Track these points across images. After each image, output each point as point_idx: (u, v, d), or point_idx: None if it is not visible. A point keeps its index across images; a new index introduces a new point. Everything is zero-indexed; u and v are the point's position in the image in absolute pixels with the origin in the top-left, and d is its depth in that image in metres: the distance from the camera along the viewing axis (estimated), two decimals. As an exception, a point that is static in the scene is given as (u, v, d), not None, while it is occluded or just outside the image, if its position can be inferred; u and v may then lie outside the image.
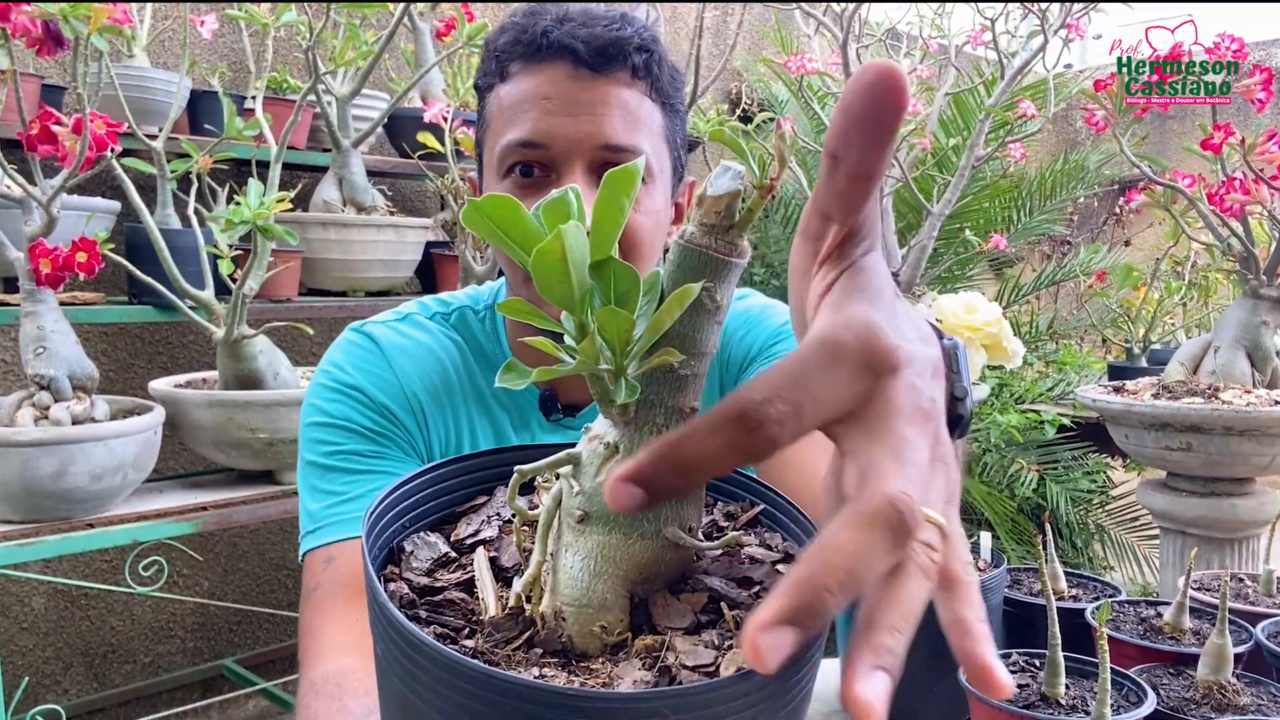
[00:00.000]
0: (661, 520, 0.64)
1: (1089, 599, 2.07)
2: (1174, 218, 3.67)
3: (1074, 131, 8.72)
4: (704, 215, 0.63)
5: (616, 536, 0.64)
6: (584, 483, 0.65)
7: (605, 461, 0.64)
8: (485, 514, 0.76)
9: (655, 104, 1.44)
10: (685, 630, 0.63)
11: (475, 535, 0.73)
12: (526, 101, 1.39)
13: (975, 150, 3.88)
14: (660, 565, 0.65)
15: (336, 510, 1.42)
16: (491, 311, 1.63)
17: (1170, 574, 3.48)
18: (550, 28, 1.37)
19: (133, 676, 4.16)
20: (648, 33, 1.42)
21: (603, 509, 0.63)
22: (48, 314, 2.66)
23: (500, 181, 1.43)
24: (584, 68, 1.37)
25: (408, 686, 0.60)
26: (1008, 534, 4.80)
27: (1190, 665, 1.74)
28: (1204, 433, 3.16)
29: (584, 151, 1.38)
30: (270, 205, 2.70)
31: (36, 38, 2.47)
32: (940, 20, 4.69)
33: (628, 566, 0.64)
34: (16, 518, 2.67)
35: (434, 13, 4.24)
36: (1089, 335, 6.83)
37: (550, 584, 0.65)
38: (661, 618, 0.64)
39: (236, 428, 2.95)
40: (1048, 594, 1.62)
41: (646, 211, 1.42)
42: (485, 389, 1.57)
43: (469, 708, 0.56)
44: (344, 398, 1.49)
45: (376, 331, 1.57)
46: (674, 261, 0.64)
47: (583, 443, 0.67)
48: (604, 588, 0.63)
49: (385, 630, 0.61)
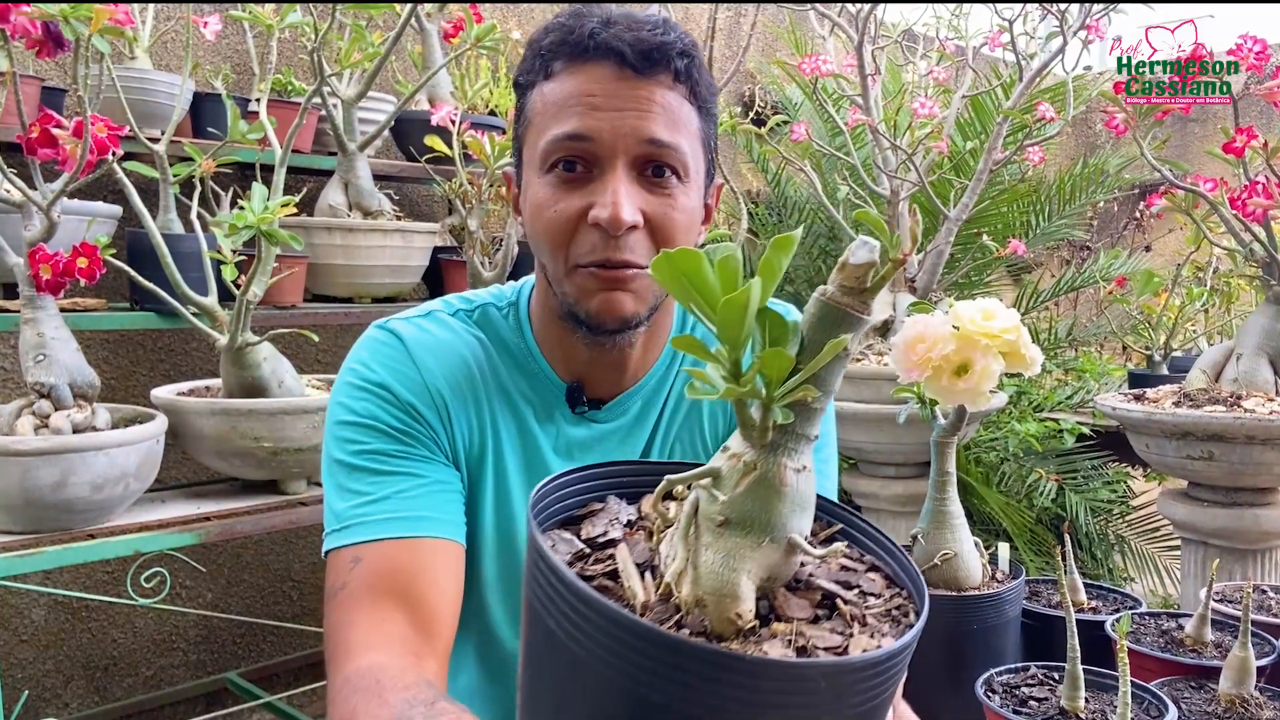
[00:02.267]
0: (787, 529, 0.77)
1: (1109, 611, 2.07)
2: (1195, 222, 3.67)
3: (1093, 134, 8.71)
4: (844, 279, 0.75)
5: (750, 540, 0.76)
6: (724, 493, 0.77)
7: (744, 476, 0.77)
8: (606, 518, 0.88)
9: (693, 107, 1.50)
10: (808, 620, 0.78)
11: (604, 535, 0.86)
12: (572, 98, 1.44)
13: (993, 154, 3.88)
14: (781, 566, 0.79)
15: (363, 511, 1.46)
16: (515, 307, 1.67)
17: (1192, 585, 3.48)
18: (597, 29, 1.43)
19: (135, 690, 4.16)
20: (689, 39, 1.48)
21: (741, 515, 0.76)
22: (48, 320, 2.67)
23: (542, 176, 1.48)
24: (628, 69, 1.43)
25: (575, 643, 0.73)
26: (1026, 545, 4.80)
27: (1212, 678, 1.74)
28: (1226, 442, 3.15)
29: (628, 146, 1.43)
30: (275, 210, 2.70)
31: (36, 39, 2.47)
32: (957, 21, 4.69)
33: (757, 565, 0.77)
34: (16, 528, 2.67)
35: (442, 14, 4.25)
36: (1109, 342, 6.83)
37: (692, 576, 0.76)
38: (785, 609, 0.78)
39: (240, 437, 2.95)
40: (1067, 606, 1.62)
41: (682, 208, 1.48)
42: (509, 383, 1.62)
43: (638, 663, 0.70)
44: (371, 396, 1.53)
45: (401, 329, 1.60)
46: (814, 314, 0.77)
47: (722, 459, 0.79)
48: (738, 581, 0.75)
49: (557, 593, 0.74)
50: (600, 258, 1.44)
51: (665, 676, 0.69)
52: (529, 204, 1.51)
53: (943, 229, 3.94)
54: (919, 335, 1.55)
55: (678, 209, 1.47)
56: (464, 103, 4.09)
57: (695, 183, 1.52)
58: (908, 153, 3.78)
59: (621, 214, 1.40)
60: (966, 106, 5.01)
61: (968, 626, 1.88)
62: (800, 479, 0.78)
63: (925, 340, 1.55)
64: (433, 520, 1.47)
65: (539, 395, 1.63)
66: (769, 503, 0.76)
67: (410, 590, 1.41)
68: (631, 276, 1.46)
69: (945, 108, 4.24)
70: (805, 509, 0.79)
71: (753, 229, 5.81)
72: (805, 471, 0.79)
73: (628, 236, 1.43)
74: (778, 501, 0.77)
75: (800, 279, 5.93)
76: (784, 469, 0.77)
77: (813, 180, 4.27)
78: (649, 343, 1.65)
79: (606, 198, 1.41)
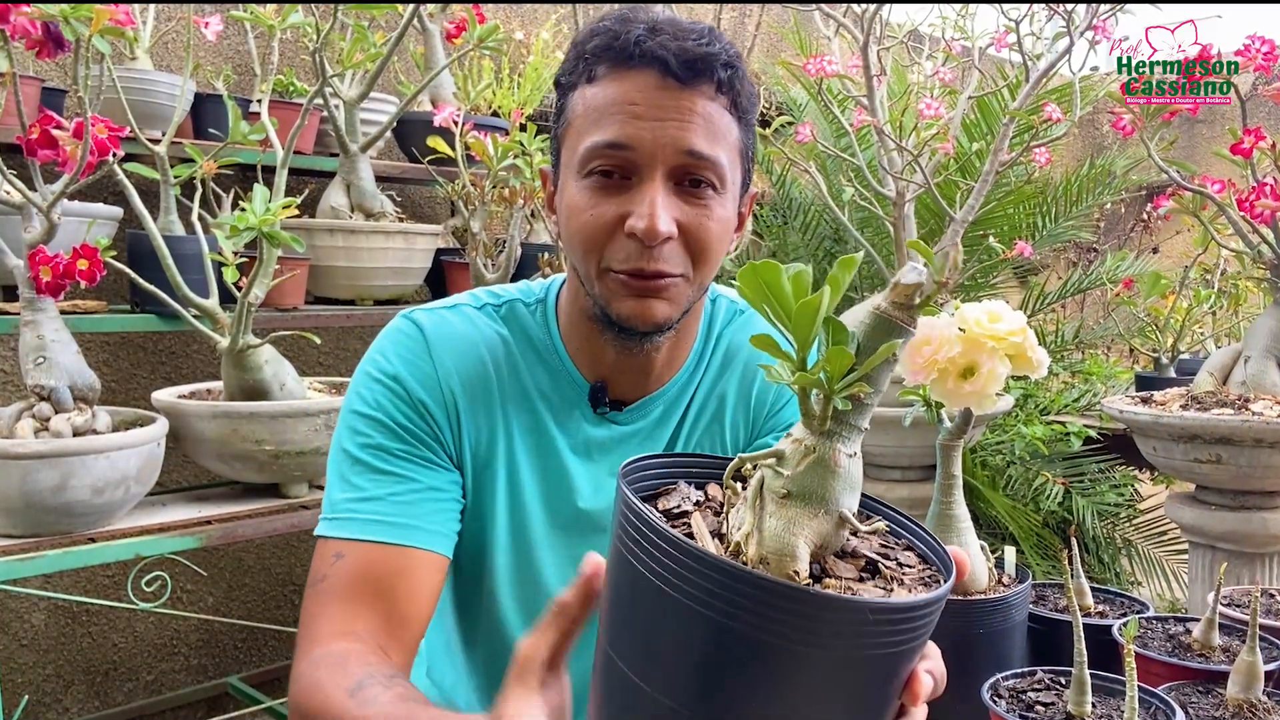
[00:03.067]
0: (839, 504, 0.93)
1: (1116, 615, 2.07)
2: (1203, 224, 3.67)
3: (1100, 136, 8.71)
4: (895, 296, 0.91)
5: (808, 510, 0.92)
6: (787, 470, 0.92)
7: (804, 457, 0.92)
8: (679, 496, 1.04)
9: (734, 118, 1.51)
10: (855, 579, 0.92)
11: (678, 508, 1.01)
12: (614, 105, 1.46)
13: (999, 155, 3.87)
14: (832, 536, 0.94)
15: (355, 507, 1.51)
16: (543, 304, 1.70)
17: (1199, 589, 3.48)
18: (643, 37, 1.44)
19: (135, 695, 4.16)
20: (733, 49, 1.49)
21: (800, 489, 0.92)
22: (48, 323, 2.67)
23: (580, 180, 1.50)
24: (672, 78, 1.44)
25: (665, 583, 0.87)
26: (1032, 549, 4.79)
27: (1220, 683, 1.73)
28: (1234, 445, 3.15)
29: (667, 157, 1.45)
30: (276, 211, 2.71)
31: (36, 40, 2.47)
32: (963, 22, 4.69)
33: (812, 532, 0.92)
34: (16, 532, 2.67)
35: (444, 14, 4.25)
36: (1116, 345, 6.82)
37: (757, 539, 0.91)
38: (835, 570, 0.93)
39: (241, 440, 2.95)
40: (1073, 610, 1.62)
41: (717, 219, 1.51)
42: (529, 381, 1.64)
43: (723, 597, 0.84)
44: (383, 389, 1.57)
45: (423, 320, 1.63)
46: (869, 325, 0.92)
47: (786, 443, 0.94)
48: (797, 544, 0.90)
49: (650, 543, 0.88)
50: (634, 266, 1.46)
51: (743, 608, 0.83)
52: (564, 205, 1.54)
53: (949, 231, 3.94)
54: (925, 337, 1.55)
55: (713, 219, 1.49)
56: (467, 104, 4.09)
57: (731, 193, 1.53)
58: (913, 154, 3.77)
59: (658, 225, 1.42)
60: (972, 108, 5.00)
61: (974, 631, 1.88)
62: (852, 463, 0.94)
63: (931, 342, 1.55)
64: (419, 530, 1.51)
65: (561, 393, 1.65)
66: (824, 480, 0.92)
67: (386, 594, 1.46)
68: (665, 285, 1.49)
69: (951, 109, 4.23)
70: (854, 489, 0.95)
71: (757, 230, 5.81)
72: (855, 457, 0.94)
73: (662, 247, 1.45)
74: (832, 480, 0.92)
75: (804, 282, 5.92)
76: (838, 453, 0.92)
77: (818, 182, 4.26)
78: (674, 349, 1.67)
79: (644, 208, 1.43)
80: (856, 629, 0.84)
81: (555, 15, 5.06)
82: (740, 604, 0.84)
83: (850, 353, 0.88)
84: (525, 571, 1.66)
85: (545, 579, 1.67)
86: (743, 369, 1.75)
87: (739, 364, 1.75)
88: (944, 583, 0.92)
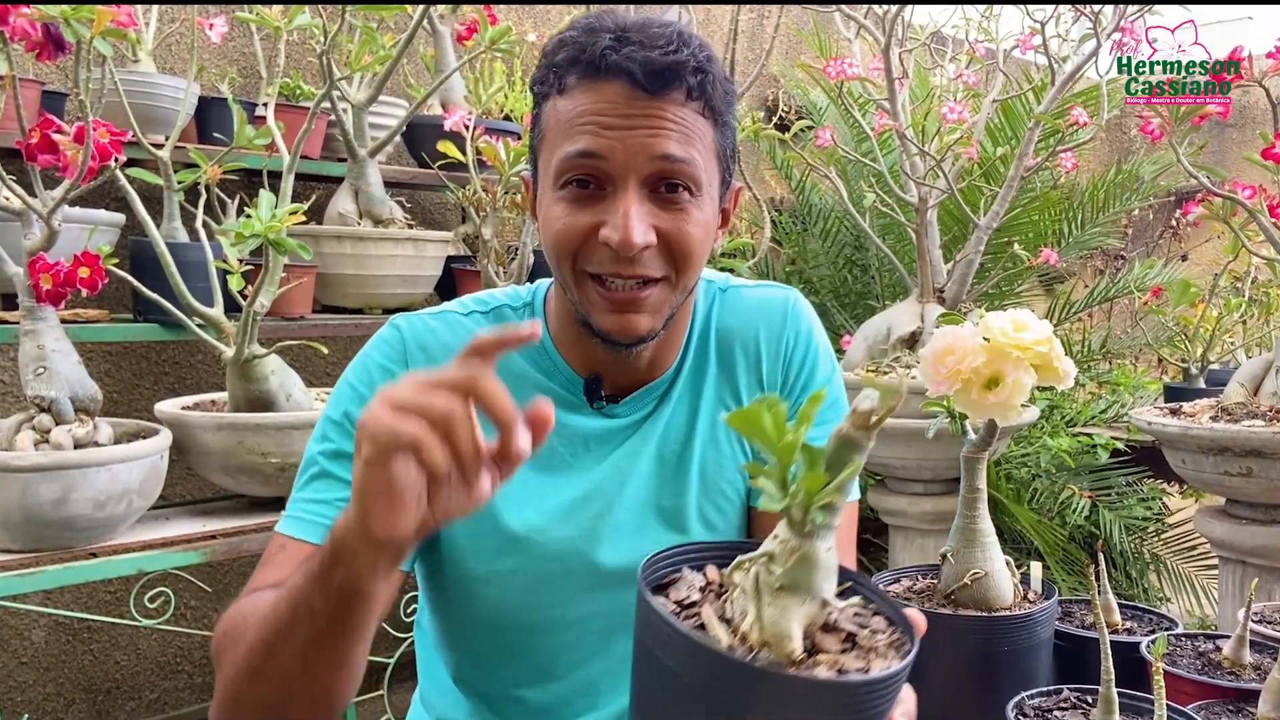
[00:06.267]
0: (822, 591, 1.09)
1: (1144, 632, 2.06)
2: (1233, 231, 3.65)
3: (1128, 140, 8.70)
4: (855, 421, 1.06)
5: (797, 598, 1.08)
6: (779, 567, 1.08)
7: (791, 555, 1.08)
8: (685, 586, 1.20)
9: (708, 121, 1.54)
10: (840, 651, 1.08)
11: (688, 599, 1.17)
12: (583, 116, 1.48)
13: (1024, 160, 3.87)
14: (818, 616, 1.10)
15: (305, 508, 1.59)
16: (530, 307, 1.75)
17: (1229, 606, 3.47)
18: (609, 49, 1.46)
19: (138, 714, 4.17)
20: (704, 52, 1.51)
21: (791, 582, 1.08)
22: (48, 332, 2.67)
23: (555, 191, 1.53)
24: (640, 89, 1.46)
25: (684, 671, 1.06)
26: (1058, 564, 4.78)
27: (1250, 702, 1.73)
28: (1265, 457, 3.14)
29: (639, 165, 1.47)
30: (282, 218, 2.71)
31: (36, 42, 2.48)
32: (988, 23, 4.68)
33: (803, 615, 1.08)
34: (16, 546, 2.67)
35: (455, 15, 4.26)
36: (1144, 355, 6.81)
37: (759, 626, 1.07)
38: (823, 645, 1.08)
39: (247, 452, 2.95)
40: (1101, 627, 1.61)
41: (696, 223, 1.53)
42: (518, 383, 1.65)
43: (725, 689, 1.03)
44: (352, 393, 1.65)
45: (405, 326, 1.70)
46: (835, 443, 1.07)
47: (774, 543, 1.10)
48: (791, 628, 1.06)
49: (662, 631, 1.07)
50: (611, 270, 1.49)
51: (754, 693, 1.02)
52: (542, 215, 1.57)
53: (973, 238, 3.94)
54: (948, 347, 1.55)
55: (691, 223, 1.52)
56: (478, 107, 4.10)
57: (709, 195, 1.56)
58: (936, 159, 3.77)
59: (632, 237, 1.45)
60: (997, 111, 5.00)
61: (998, 648, 1.87)
62: (829, 555, 1.10)
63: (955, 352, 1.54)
64: None
65: (554, 391, 1.68)
66: (809, 573, 1.08)
67: None
68: (645, 297, 1.52)
69: (975, 112, 4.23)
70: (832, 575, 1.12)
71: (776, 237, 5.81)
72: (831, 550, 1.10)
73: (641, 253, 1.48)
74: (815, 572, 1.09)
75: (825, 289, 5.93)
76: (818, 549, 1.08)
77: (838, 187, 4.26)
78: (667, 340, 1.68)
79: (618, 219, 1.46)
80: (849, 700, 1.03)
81: (568, 16, 5.06)
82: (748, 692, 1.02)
83: (822, 474, 1.05)
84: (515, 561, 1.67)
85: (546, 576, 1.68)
86: (742, 354, 1.77)
87: (736, 348, 1.77)
88: (910, 645, 1.10)
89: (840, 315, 5.78)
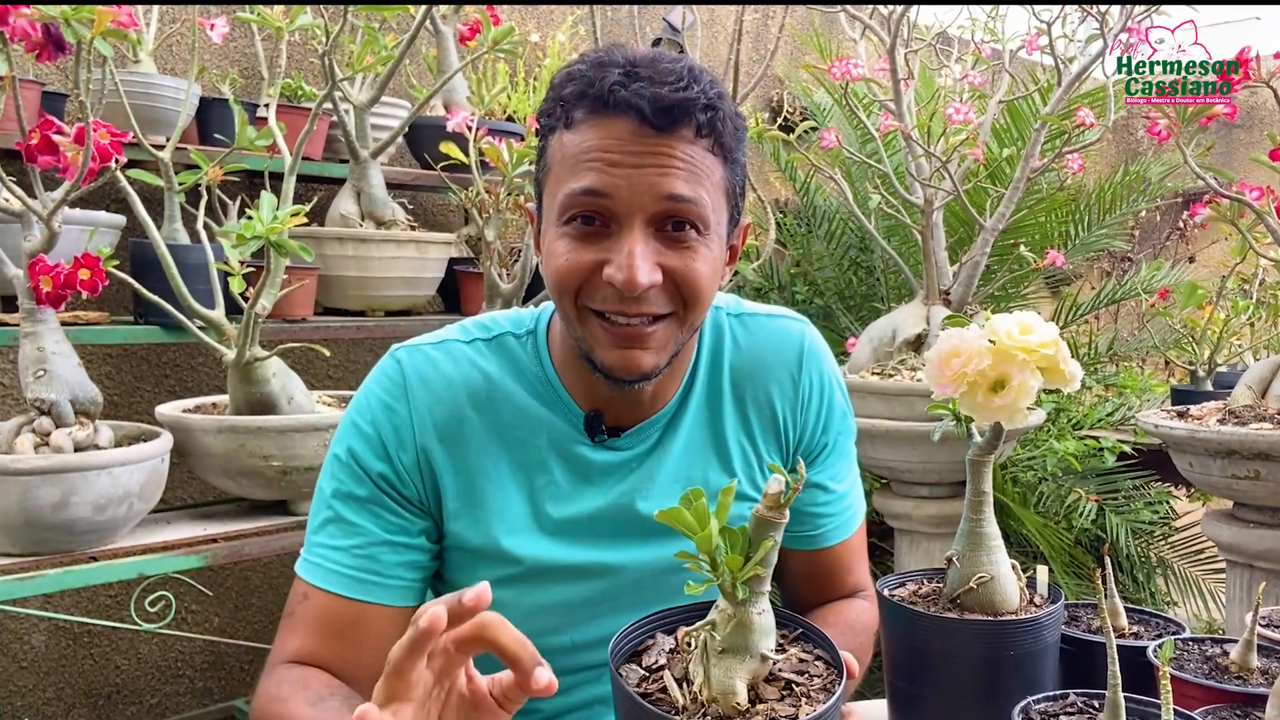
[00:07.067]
0: (759, 648, 1.26)
1: (1151, 636, 2.06)
2: (1241, 232, 3.64)
3: (1135, 141, 8.69)
4: (768, 503, 1.20)
5: (739, 658, 1.25)
6: (720, 633, 1.25)
7: (729, 622, 1.25)
8: (655, 652, 1.37)
9: (717, 158, 1.53)
10: (777, 699, 1.26)
11: (656, 664, 1.34)
12: (590, 153, 1.47)
13: (1030, 161, 3.87)
14: (759, 670, 1.27)
15: (323, 554, 1.62)
16: (533, 335, 1.73)
17: (1237, 609, 3.46)
18: (618, 85, 1.45)
19: (138, 718, 4.16)
20: (714, 89, 1.50)
21: (731, 645, 1.25)
22: (48, 334, 2.67)
23: (560, 226, 1.52)
24: (648, 126, 1.45)
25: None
26: (1064, 568, 4.78)
27: (1258, 706, 1.72)
28: (1273, 460, 3.14)
29: (645, 204, 1.47)
30: (284, 219, 2.71)
31: (36, 42, 2.48)
32: (993, 24, 4.68)
33: (745, 671, 1.26)
34: (16, 550, 2.67)
35: (458, 16, 4.26)
36: (1151, 357, 6.80)
37: (708, 685, 1.25)
38: (764, 695, 1.26)
39: (248, 455, 2.95)
40: (1107, 631, 1.60)
41: (704, 260, 1.53)
42: (517, 416, 1.68)
43: None
44: (358, 434, 1.65)
45: (405, 358, 1.69)
46: (754, 525, 1.22)
47: (716, 613, 1.27)
48: (735, 684, 1.24)
49: (623, 701, 1.26)
50: (616, 308, 1.49)
51: None
52: (545, 249, 1.57)
53: (978, 239, 3.93)
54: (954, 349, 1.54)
55: (699, 260, 1.52)
56: (481, 108, 4.09)
57: (717, 233, 1.56)
58: (942, 160, 3.77)
59: (637, 277, 1.45)
60: (1003, 112, 4.99)
61: (1004, 653, 1.86)
62: (763, 618, 1.26)
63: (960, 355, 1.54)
64: (374, 584, 1.61)
65: (557, 423, 1.68)
66: (746, 635, 1.25)
67: (341, 637, 1.60)
68: (650, 333, 1.52)
69: (981, 113, 4.23)
70: (769, 633, 1.29)
71: (780, 239, 5.81)
72: (765, 613, 1.27)
73: (647, 292, 1.48)
74: (751, 634, 1.25)
75: (830, 291, 5.92)
76: (752, 615, 1.25)
77: (843, 189, 4.26)
78: (672, 371, 1.68)
79: (622, 259, 1.46)
80: None
81: (572, 17, 5.06)
82: None
83: (739, 557, 1.22)
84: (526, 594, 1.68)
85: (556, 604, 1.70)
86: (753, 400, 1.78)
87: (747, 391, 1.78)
88: (836, 687, 1.28)
89: (845, 317, 5.77)
